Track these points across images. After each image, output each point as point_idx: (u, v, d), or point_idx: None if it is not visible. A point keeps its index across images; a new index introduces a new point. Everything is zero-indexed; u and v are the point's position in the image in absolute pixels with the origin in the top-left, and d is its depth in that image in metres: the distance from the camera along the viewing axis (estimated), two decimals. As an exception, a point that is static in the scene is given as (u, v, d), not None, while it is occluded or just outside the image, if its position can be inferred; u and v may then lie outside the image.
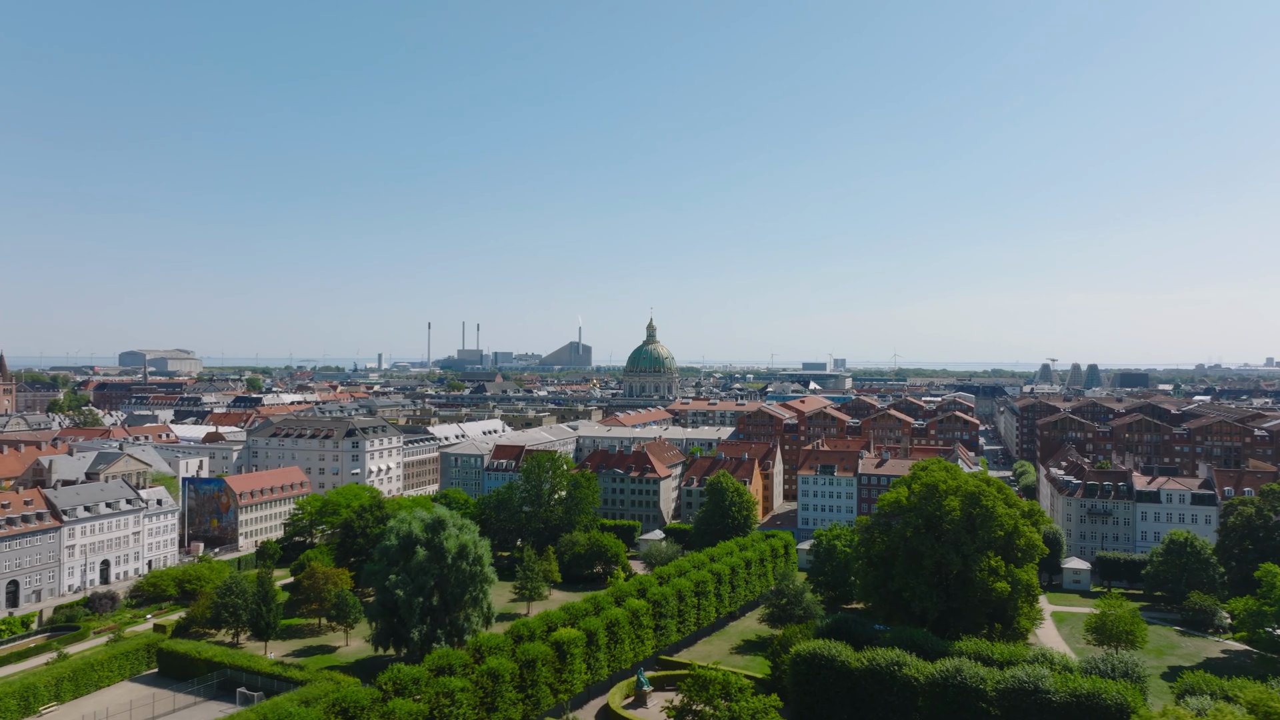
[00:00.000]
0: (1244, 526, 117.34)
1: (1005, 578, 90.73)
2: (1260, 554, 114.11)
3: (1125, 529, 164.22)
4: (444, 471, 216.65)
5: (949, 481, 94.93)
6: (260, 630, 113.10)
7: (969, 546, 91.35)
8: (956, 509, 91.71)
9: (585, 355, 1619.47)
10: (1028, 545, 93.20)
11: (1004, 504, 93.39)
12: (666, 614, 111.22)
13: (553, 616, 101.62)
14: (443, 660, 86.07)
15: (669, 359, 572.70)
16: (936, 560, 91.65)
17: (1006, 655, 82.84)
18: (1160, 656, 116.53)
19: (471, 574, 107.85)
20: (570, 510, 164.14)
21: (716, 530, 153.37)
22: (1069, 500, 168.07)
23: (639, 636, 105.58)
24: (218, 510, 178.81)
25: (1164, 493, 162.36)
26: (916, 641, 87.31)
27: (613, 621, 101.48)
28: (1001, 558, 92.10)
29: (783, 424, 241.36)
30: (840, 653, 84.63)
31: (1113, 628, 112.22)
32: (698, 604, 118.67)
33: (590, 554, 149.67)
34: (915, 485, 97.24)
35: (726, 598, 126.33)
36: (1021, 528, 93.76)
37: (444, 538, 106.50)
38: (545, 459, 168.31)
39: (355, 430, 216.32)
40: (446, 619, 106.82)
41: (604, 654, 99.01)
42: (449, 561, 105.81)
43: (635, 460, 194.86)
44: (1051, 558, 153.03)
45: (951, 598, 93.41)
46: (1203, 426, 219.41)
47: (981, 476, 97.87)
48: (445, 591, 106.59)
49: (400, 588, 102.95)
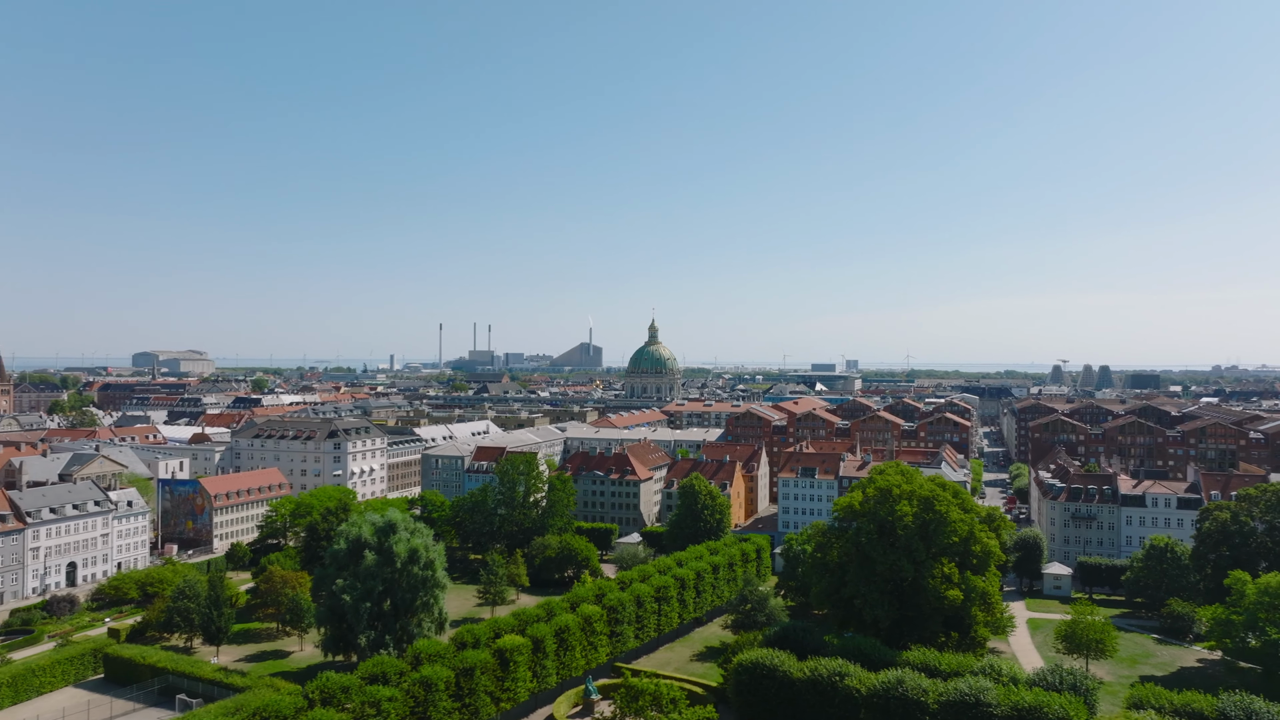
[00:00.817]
0: (1219, 532, 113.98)
1: (959, 585, 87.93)
2: (1235, 560, 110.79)
3: (1110, 533, 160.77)
4: (425, 473, 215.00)
5: (903, 486, 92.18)
6: (212, 635, 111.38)
7: (922, 553, 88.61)
8: (909, 514, 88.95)
9: (596, 356, 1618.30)
10: (983, 552, 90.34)
11: (959, 510, 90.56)
12: (624, 620, 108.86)
13: (501, 623, 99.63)
14: (377, 668, 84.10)
15: (671, 360, 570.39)
16: (889, 567, 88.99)
17: (954, 666, 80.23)
18: (1133, 666, 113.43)
19: (423, 579, 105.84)
20: (544, 513, 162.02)
21: (689, 534, 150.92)
22: (1053, 504, 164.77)
23: (592, 643, 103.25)
24: (193, 512, 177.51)
25: (1149, 497, 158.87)
26: (864, 651, 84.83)
27: (563, 628, 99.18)
28: (956, 565, 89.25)
29: (771, 426, 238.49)
30: (783, 662, 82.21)
31: (1082, 636, 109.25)
32: (658, 610, 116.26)
33: (561, 558, 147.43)
34: (869, 490, 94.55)
35: (691, 603, 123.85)
36: (978, 534, 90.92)
37: (394, 542, 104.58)
38: (520, 461, 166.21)
39: (337, 432, 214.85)
40: (397, 624, 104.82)
41: (552, 661, 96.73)
42: (398, 566, 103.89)
43: (616, 462, 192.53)
44: (1031, 563, 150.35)
45: (905, 606, 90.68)
46: (1197, 429, 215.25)
47: (938, 481, 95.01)
48: (396, 596, 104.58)
49: (347, 592, 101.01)
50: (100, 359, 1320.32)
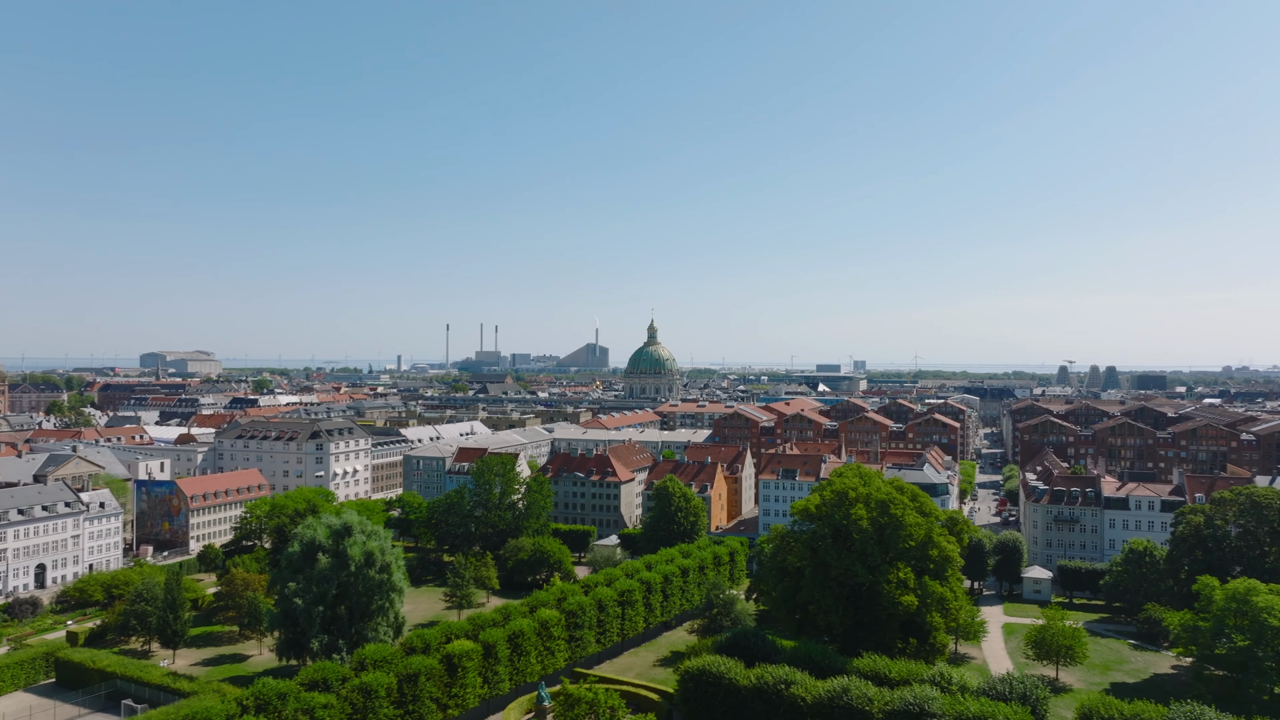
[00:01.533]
0: (1193, 536, 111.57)
1: (915, 591, 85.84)
2: (1208, 565, 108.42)
3: (1093, 537, 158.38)
4: (407, 474, 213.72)
5: (860, 489, 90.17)
6: (168, 638, 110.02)
7: (877, 558, 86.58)
8: (865, 518, 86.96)
9: (602, 357, 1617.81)
10: (941, 557, 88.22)
11: (916, 513, 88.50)
12: (584, 624, 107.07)
13: (455, 627, 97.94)
14: (319, 673, 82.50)
15: (670, 361, 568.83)
16: (843, 571, 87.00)
17: (903, 674, 78.28)
18: (1105, 672, 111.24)
19: (379, 582, 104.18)
20: (519, 515, 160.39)
21: (663, 536, 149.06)
22: (1035, 506, 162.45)
23: (549, 649, 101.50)
24: (169, 513, 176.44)
25: (1133, 499, 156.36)
26: (814, 658, 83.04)
27: (517, 633, 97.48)
28: (913, 570, 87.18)
29: (759, 427, 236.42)
30: (730, 670, 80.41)
31: (1052, 642, 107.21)
32: (622, 614, 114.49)
33: (533, 560, 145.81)
34: (826, 493, 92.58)
35: (658, 608, 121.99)
36: (936, 538, 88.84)
37: (348, 544, 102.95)
38: (495, 462, 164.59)
39: (320, 433, 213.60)
40: (352, 629, 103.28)
41: (504, 667, 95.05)
42: (353, 569, 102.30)
43: (597, 464, 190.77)
44: (1011, 566, 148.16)
45: (860, 611, 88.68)
46: (1187, 430, 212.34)
47: (896, 484, 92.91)
48: (350, 600, 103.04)
49: (299, 596, 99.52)
50: (109, 360, 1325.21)
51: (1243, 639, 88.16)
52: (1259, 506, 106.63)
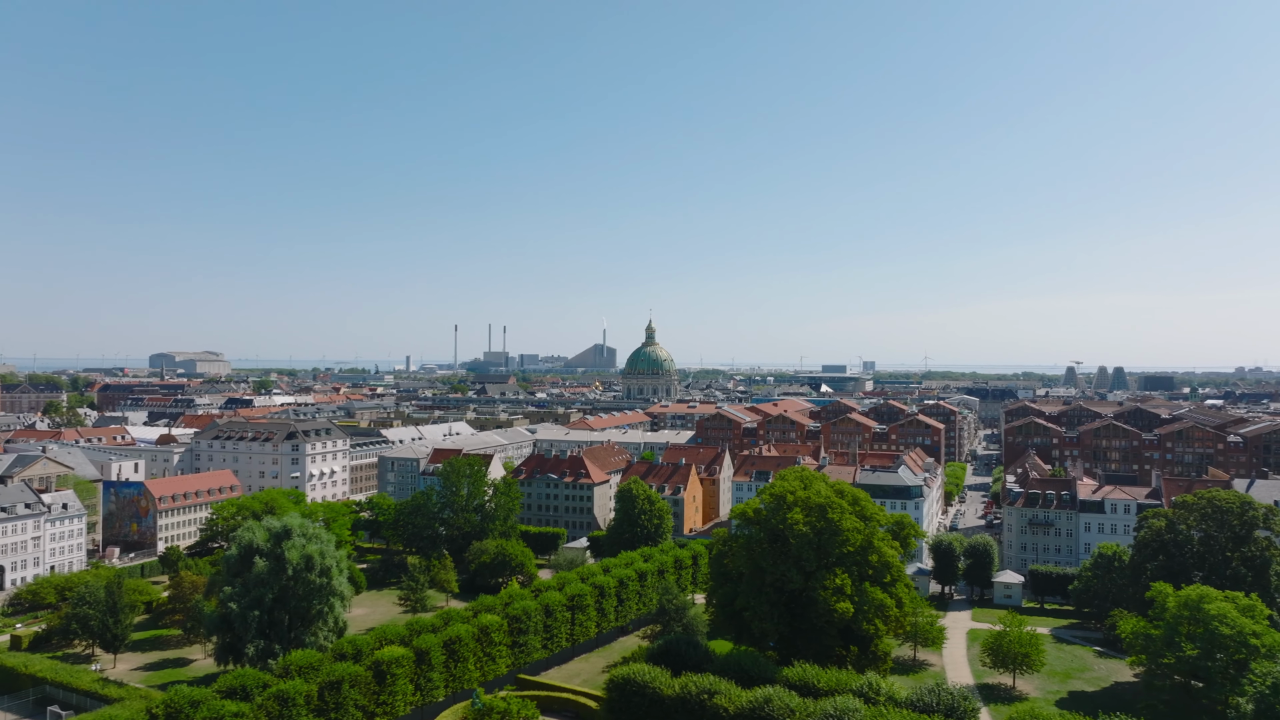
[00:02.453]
0: (1155, 541, 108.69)
1: (851, 597, 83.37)
2: (1168, 570, 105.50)
3: (1068, 540, 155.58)
4: (381, 475, 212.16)
5: (799, 492, 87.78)
6: (108, 643, 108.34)
7: (812, 563, 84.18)
8: (800, 522, 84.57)
9: (610, 357, 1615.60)
10: (880, 563, 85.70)
11: (856, 518, 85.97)
12: (529, 630, 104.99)
13: (389, 632, 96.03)
14: (238, 680, 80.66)
15: (668, 361, 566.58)
16: (778, 577, 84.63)
17: (832, 684, 75.90)
18: (1065, 680, 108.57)
19: (318, 586, 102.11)
20: (486, 517, 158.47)
21: (626, 539, 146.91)
22: (1010, 510, 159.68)
23: (489, 654, 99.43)
24: (137, 514, 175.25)
25: (1108, 502, 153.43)
26: (744, 667, 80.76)
27: (453, 639, 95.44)
28: (849, 576, 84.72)
29: (741, 428, 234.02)
30: (655, 679, 78.25)
31: (1009, 649, 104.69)
32: (571, 619, 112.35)
33: (495, 563, 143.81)
34: (765, 496, 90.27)
35: (612, 612, 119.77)
36: (876, 544, 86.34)
37: (286, 548, 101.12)
38: (462, 464, 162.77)
39: (296, 433, 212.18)
40: (290, 634, 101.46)
41: (439, 674, 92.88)
42: (290, 573, 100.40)
43: (571, 465, 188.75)
44: (981, 571, 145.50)
45: (797, 618, 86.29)
46: (1173, 432, 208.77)
47: (838, 487, 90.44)
48: (289, 605, 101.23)
49: (234, 600, 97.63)
50: (120, 360, 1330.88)
51: (1193, 648, 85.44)
52: (1220, 511, 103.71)
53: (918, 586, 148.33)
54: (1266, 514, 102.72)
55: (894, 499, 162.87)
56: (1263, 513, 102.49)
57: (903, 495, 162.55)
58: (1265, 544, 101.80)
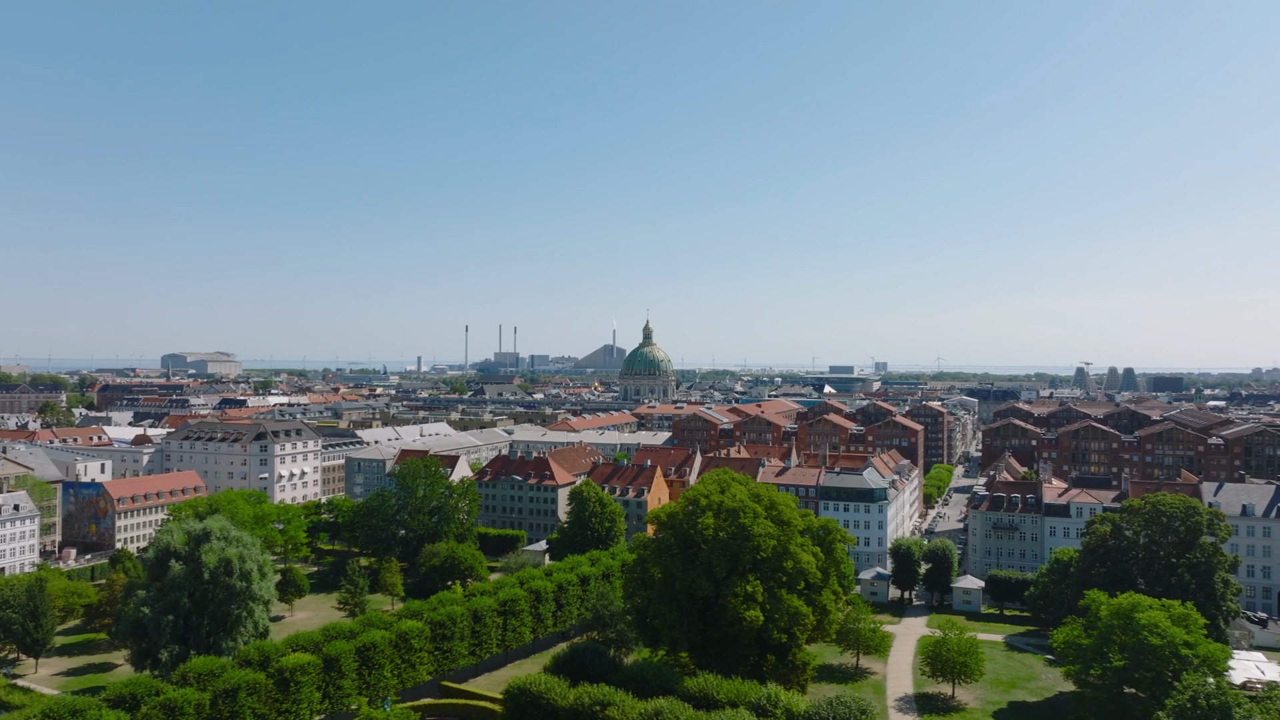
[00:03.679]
0: (1100, 546, 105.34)
1: (763, 605, 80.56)
2: (1111, 577, 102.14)
3: (1033, 545, 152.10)
4: (349, 476, 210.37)
5: (713, 496, 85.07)
6: (28, 647, 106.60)
7: (722, 570, 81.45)
8: (711, 527, 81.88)
9: (619, 358, 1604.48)
10: (796, 570, 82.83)
11: (770, 523, 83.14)
12: (453, 636, 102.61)
13: (302, 638, 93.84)
14: (129, 689, 78.54)
15: (665, 362, 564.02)
16: (688, 584, 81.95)
17: (732, 695, 73.22)
18: (1007, 690, 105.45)
19: (238, 590, 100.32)
20: (442, 519, 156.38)
21: (578, 542, 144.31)
22: (974, 513, 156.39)
23: (409, 661, 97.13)
24: (96, 515, 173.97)
25: (1074, 506, 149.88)
26: (646, 677, 78.16)
27: (368, 645, 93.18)
28: (762, 583, 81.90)
29: (718, 429, 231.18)
30: (551, 689, 75.80)
31: (946, 657, 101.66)
32: (503, 624, 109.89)
33: (445, 566, 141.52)
34: (681, 500, 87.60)
35: (549, 617, 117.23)
36: (793, 550, 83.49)
37: (204, 551, 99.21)
38: (418, 465, 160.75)
39: (265, 434, 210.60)
40: (209, 639, 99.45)
41: (350, 681, 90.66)
42: (207, 577, 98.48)
43: (535, 467, 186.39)
44: (941, 576, 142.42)
45: (709, 627, 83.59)
46: (1153, 434, 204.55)
47: (754, 491, 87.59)
48: (207, 610, 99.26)
49: (147, 605, 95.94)
50: (133, 361, 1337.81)
51: (1120, 658, 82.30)
52: (1163, 516, 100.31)
53: (876, 592, 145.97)
54: (1211, 519, 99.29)
55: (857, 501, 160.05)
56: (1207, 518, 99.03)
57: (865, 498, 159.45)
58: (1211, 550, 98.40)
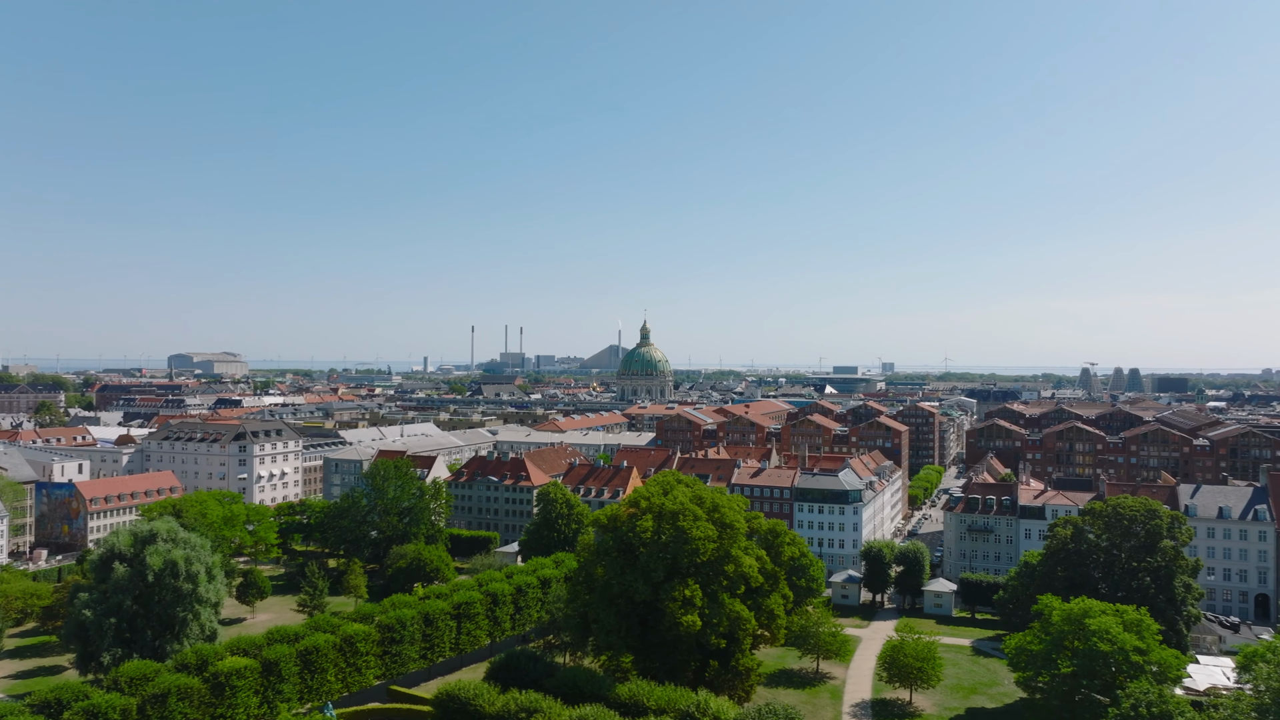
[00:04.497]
0: (1061, 550, 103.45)
1: (701, 610, 78.96)
2: (1071, 582, 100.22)
3: (1007, 547, 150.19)
4: (326, 477, 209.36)
5: (654, 499, 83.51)
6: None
7: (659, 574, 79.88)
8: (650, 530, 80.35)
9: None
10: (737, 574, 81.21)
11: (712, 526, 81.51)
12: (403, 639, 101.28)
13: (243, 642, 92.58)
14: (55, 693, 77.34)
15: (662, 362, 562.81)
16: (625, 588, 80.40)
17: (662, 702, 71.67)
18: (967, 696, 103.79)
19: (184, 593, 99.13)
20: (411, 520, 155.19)
21: (545, 544, 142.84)
22: (949, 515, 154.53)
23: (354, 665, 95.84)
24: (68, 516, 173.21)
25: (1049, 508, 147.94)
26: (578, 683, 76.64)
27: (310, 649, 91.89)
28: (701, 586, 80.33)
29: (701, 429, 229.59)
30: (480, 695, 74.36)
31: (903, 662, 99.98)
32: (457, 627, 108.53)
33: (411, 568, 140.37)
34: (623, 502, 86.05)
35: (507, 620, 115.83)
36: (734, 553, 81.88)
37: (149, 553, 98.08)
38: (389, 466, 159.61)
39: (244, 434, 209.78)
40: (154, 642, 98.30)
41: (291, 685, 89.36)
42: (151, 579, 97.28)
43: (512, 468, 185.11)
44: (912, 579, 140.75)
45: (648, 631, 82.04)
46: (1138, 435, 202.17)
47: (697, 494, 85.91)
48: (152, 612, 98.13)
49: (89, 608, 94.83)
50: (141, 361, 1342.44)
51: (1067, 665, 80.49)
52: (1122, 519, 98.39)
53: (847, 595, 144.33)
54: (1172, 522, 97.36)
55: (831, 503, 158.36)
56: (1168, 521, 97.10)
57: (840, 499, 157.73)
58: (1172, 553, 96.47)
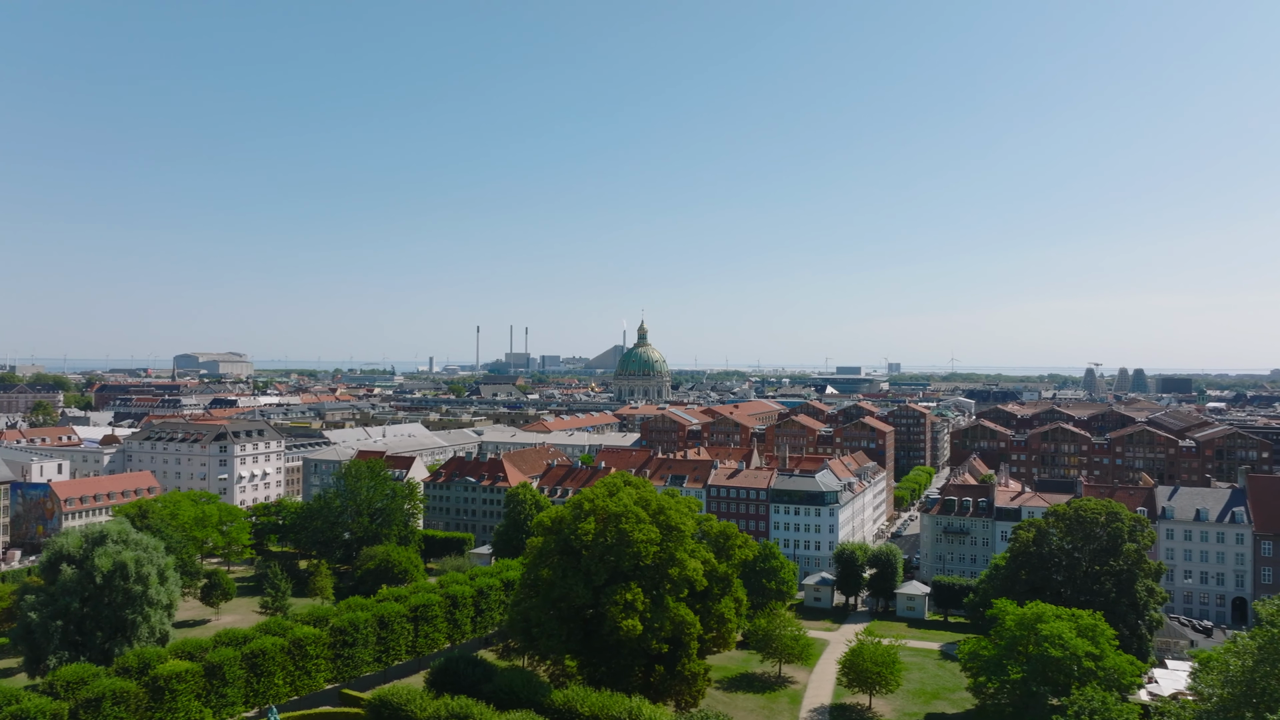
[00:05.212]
0: (1023, 554, 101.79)
1: (643, 614, 77.56)
2: (1033, 586, 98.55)
3: (984, 549, 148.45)
4: (306, 478, 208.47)
5: (598, 501, 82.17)
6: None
7: (600, 577, 78.54)
8: (592, 533, 79.00)
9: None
10: (681, 577, 79.77)
11: (655, 528, 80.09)
12: (356, 642, 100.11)
13: (189, 644, 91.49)
14: (-10, 698, 76.46)
15: (660, 362, 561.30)
16: (565, 591, 79.07)
17: (595, 709, 70.40)
18: (929, 702, 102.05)
19: (134, 595, 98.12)
20: (383, 521, 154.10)
21: (513, 545, 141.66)
22: (925, 517, 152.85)
23: (304, 669, 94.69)
24: (43, 516, 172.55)
25: (1025, 510, 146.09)
26: (514, 689, 75.47)
27: (256, 652, 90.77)
28: (644, 590, 78.93)
29: (686, 430, 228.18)
30: (412, 700, 73.32)
31: (862, 667, 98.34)
32: (414, 630, 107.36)
33: (379, 569, 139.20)
34: (568, 504, 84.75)
35: (468, 623, 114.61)
36: (679, 556, 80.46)
37: (97, 554, 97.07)
38: (362, 467, 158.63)
39: (225, 434, 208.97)
40: (105, 645, 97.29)
41: (236, 689, 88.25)
42: (99, 581, 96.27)
43: (489, 469, 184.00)
44: (886, 581, 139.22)
45: (591, 636, 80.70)
46: (1123, 436, 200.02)
47: (644, 495, 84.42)
48: (101, 615, 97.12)
49: (34, 610, 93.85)
50: (147, 361, 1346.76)
51: (1017, 671, 78.93)
52: (1084, 523, 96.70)
53: (820, 597, 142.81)
54: (1135, 526, 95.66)
55: (807, 504, 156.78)
56: (1129, 524, 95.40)
57: (816, 501, 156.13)
58: (1134, 557, 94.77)
